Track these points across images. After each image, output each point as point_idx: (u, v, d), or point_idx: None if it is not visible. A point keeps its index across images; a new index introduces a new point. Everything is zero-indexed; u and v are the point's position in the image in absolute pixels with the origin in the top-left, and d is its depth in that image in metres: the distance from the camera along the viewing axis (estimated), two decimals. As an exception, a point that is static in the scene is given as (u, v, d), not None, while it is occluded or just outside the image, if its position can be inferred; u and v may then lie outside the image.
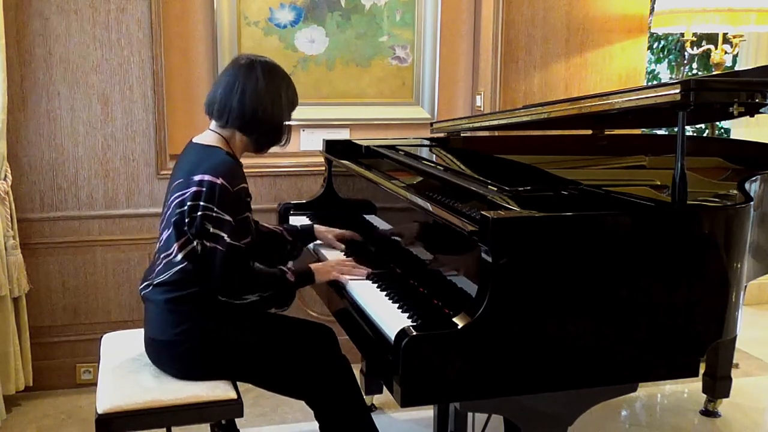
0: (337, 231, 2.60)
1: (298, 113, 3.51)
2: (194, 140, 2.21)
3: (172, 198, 2.09)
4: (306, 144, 3.46)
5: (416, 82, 3.54)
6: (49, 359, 3.18)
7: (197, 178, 2.03)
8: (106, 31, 3.04)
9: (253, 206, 2.11)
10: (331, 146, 2.98)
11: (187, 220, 2.04)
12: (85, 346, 3.19)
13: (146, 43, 3.07)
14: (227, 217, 2.02)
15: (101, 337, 2.44)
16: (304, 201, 2.99)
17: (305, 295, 3.39)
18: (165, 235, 2.12)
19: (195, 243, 2.05)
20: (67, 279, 3.17)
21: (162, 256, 2.12)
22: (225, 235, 2.01)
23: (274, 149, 2.30)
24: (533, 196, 1.90)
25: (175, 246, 2.07)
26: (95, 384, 2.20)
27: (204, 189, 2.01)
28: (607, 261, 1.72)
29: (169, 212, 2.10)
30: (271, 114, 2.16)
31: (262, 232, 2.47)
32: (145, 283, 2.16)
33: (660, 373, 1.86)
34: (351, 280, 2.16)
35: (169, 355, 2.10)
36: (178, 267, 2.07)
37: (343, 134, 3.46)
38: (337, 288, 2.18)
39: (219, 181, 2.01)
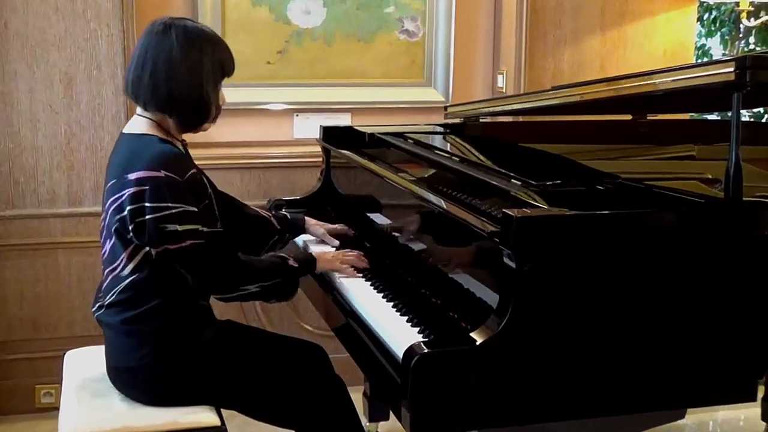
0: (330, 226, 2.62)
1: (291, 95, 3.51)
2: (124, 131, 2.15)
3: (108, 203, 2.04)
4: (300, 131, 3.46)
5: (428, 59, 3.54)
6: (4, 379, 3.19)
7: (133, 176, 1.97)
8: (70, 0, 3.04)
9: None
10: (330, 134, 2.98)
11: (131, 227, 1.98)
12: (46, 365, 3.19)
13: (116, 14, 3.07)
14: (192, 208, 1.99)
15: (64, 354, 2.45)
16: (298, 197, 2.99)
17: (300, 307, 3.39)
18: (108, 245, 2.09)
19: (147, 250, 2.02)
20: (25, 287, 3.17)
21: (108, 270, 2.10)
22: (199, 226, 2.00)
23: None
24: (563, 191, 1.89)
25: (124, 256, 2.04)
26: (57, 408, 2.20)
27: (146, 188, 1.95)
28: (648, 267, 1.72)
29: (108, 220, 2.06)
30: (189, 85, 2.04)
31: (248, 215, 2.47)
32: (97, 305, 2.15)
33: (712, 397, 1.87)
34: (352, 276, 2.22)
35: (136, 382, 2.09)
36: (127, 281, 2.05)
37: (343, 120, 3.46)
38: (334, 295, 2.18)
39: (162, 173, 1.96)
